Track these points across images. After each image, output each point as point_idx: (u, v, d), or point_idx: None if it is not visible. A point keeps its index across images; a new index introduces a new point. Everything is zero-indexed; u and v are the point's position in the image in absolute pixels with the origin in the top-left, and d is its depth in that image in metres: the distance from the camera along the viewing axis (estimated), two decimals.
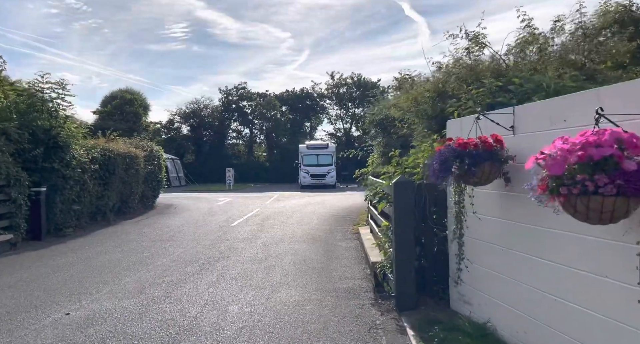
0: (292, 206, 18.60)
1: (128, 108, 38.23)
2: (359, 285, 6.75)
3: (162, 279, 7.22)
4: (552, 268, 3.49)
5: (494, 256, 4.36)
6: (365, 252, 8.21)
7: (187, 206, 18.87)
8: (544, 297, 3.60)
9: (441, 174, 4.08)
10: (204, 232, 12.10)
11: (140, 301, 6.01)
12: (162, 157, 19.49)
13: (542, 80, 4.75)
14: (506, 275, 4.14)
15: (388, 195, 6.04)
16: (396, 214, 5.43)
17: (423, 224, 5.52)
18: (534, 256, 3.69)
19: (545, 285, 3.57)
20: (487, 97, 5.22)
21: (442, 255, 5.47)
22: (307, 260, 8.57)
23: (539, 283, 3.67)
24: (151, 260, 8.72)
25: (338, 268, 7.83)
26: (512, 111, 4.07)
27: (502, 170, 4.00)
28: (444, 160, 4.02)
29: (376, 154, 11.89)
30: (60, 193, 11.53)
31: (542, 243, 3.59)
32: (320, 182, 32.24)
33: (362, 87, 46.65)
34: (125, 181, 15.26)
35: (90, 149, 13.14)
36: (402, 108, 9.38)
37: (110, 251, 9.64)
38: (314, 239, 10.83)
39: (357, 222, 13.13)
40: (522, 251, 3.89)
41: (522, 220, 3.87)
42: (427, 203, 5.49)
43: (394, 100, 10.40)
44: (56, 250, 9.82)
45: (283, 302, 5.94)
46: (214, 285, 6.88)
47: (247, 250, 9.64)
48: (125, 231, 12.56)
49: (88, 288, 6.72)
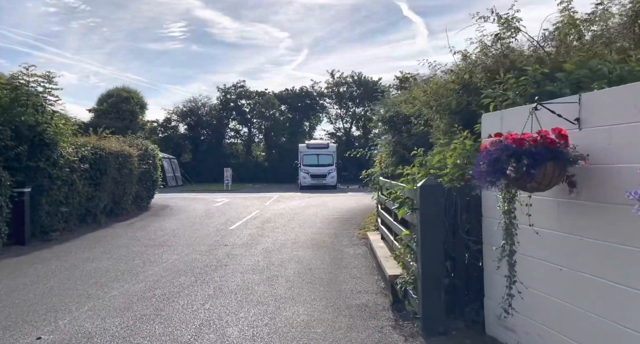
0: (293, 208, 17.83)
1: (124, 106, 37.32)
2: (374, 301, 5.98)
3: (152, 292, 6.44)
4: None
5: (548, 277, 3.60)
6: (378, 262, 7.45)
7: (184, 208, 18.08)
8: (628, 335, 2.84)
9: (490, 177, 3.32)
10: (200, 236, 11.32)
11: (126, 321, 5.22)
12: (157, 156, 18.68)
13: (601, 66, 4.00)
14: (569, 302, 3.38)
15: (410, 200, 5.28)
16: (422, 223, 4.67)
17: (453, 235, 4.76)
18: (614, 282, 2.93)
19: (633, 321, 2.81)
20: (530, 87, 4.46)
21: (475, 270, 4.72)
22: (312, 269, 7.80)
23: (620, 317, 2.91)
24: (142, 268, 7.94)
25: (348, 280, 7.06)
26: (578, 100, 3.31)
27: (566, 172, 3.24)
28: (494, 160, 3.25)
29: (384, 153, 11.13)
30: (46, 194, 10.73)
31: (627, 267, 2.83)
32: (321, 183, 31.44)
33: (363, 86, 45.89)
34: (118, 182, 14.46)
35: (80, 147, 12.35)
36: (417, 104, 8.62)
37: (98, 257, 8.86)
38: (319, 245, 10.07)
39: (363, 226, 12.36)
40: (593, 274, 3.12)
41: (594, 236, 3.11)
42: (458, 211, 4.73)
43: (407, 95, 9.64)
44: (39, 256, 9.03)
45: (289, 322, 5.17)
46: (211, 299, 6.10)
47: (246, 257, 8.86)
48: (117, 234, 11.76)
49: (68, 303, 5.93)
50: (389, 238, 7.45)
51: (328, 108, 48.27)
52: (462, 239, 4.73)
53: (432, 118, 7.39)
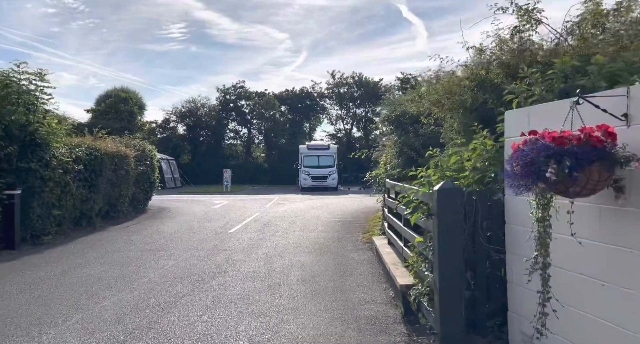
0: (294, 211, 17.41)
1: (123, 107, 36.93)
2: (384, 312, 5.58)
3: (146, 302, 6.03)
4: None
5: (587, 293, 3.20)
6: (385, 269, 7.05)
7: (182, 210, 17.66)
8: None
9: (524, 181, 2.92)
10: (198, 240, 10.91)
11: (116, 336, 4.81)
12: (155, 157, 18.27)
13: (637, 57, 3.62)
14: (613, 323, 2.98)
15: (425, 204, 4.88)
16: (440, 229, 4.26)
17: (473, 243, 4.36)
18: None
19: None
20: (559, 81, 4.07)
21: (497, 281, 4.32)
22: (316, 276, 7.39)
23: None
24: (136, 275, 7.53)
25: (355, 288, 6.66)
26: (626, 92, 2.91)
27: (613, 175, 2.84)
28: (529, 161, 2.86)
29: (390, 154, 10.73)
30: (37, 197, 10.30)
31: None
32: (321, 184, 31.00)
33: (364, 87, 45.49)
34: (114, 183, 14.03)
35: (74, 148, 11.92)
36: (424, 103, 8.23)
37: (90, 263, 8.44)
38: (322, 249, 9.66)
39: (367, 229, 11.95)
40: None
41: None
42: (478, 217, 4.33)
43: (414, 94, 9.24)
44: (28, 261, 8.60)
45: (294, 337, 4.77)
46: (209, 310, 5.70)
47: (246, 262, 8.46)
48: (112, 238, 11.34)
49: (54, 315, 5.52)
50: (397, 243, 7.04)
51: (328, 109, 47.91)
52: (483, 247, 4.33)
53: (442, 118, 6.99)
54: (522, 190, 2.99)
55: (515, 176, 2.97)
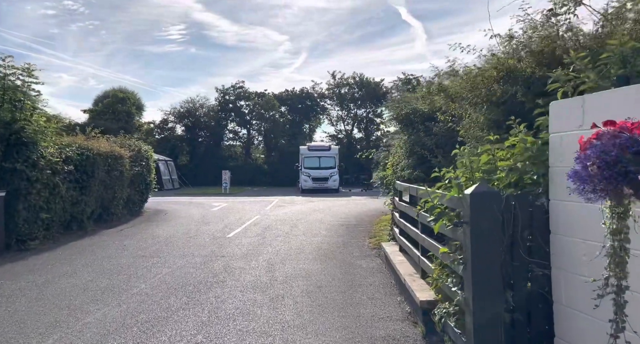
0: (295, 214, 16.77)
1: (120, 107, 36.36)
2: (402, 331, 4.95)
3: (135, 318, 5.40)
4: None
5: None
6: (399, 279, 6.41)
7: (179, 213, 17.02)
8: None
9: (603, 184, 2.29)
10: (195, 245, 10.28)
11: None
12: (151, 157, 17.61)
13: None
14: None
15: (451, 210, 4.26)
16: (473, 240, 3.64)
17: (511, 256, 3.74)
18: None
19: None
20: (617, 66, 3.45)
21: (540, 301, 3.70)
22: (323, 287, 6.76)
23: None
24: (126, 285, 6.90)
25: (366, 302, 6.03)
26: None
27: None
28: (611, 161, 2.23)
29: (399, 155, 10.10)
30: (23, 199, 9.67)
31: None
32: (322, 186, 30.34)
33: (365, 87, 44.88)
34: (107, 185, 13.39)
35: (64, 147, 11.30)
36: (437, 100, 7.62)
37: (77, 271, 7.80)
38: (327, 256, 9.03)
39: (373, 234, 11.32)
40: None
41: None
42: (518, 225, 3.70)
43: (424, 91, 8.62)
44: (10, 269, 7.96)
45: None
46: (204, 328, 5.06)
47: (246, 271, 7.82)
48: (103, 243, 10.70)
49: (29, 334, 4.88)
50: (412, 252, 6.41)
51: (329, 109, 47.26)
52: (524, 261, 3.71)
53: (459, 113, 6.37)
54: (603, 196, 2.36)
55: (590, 180, 2.34)
